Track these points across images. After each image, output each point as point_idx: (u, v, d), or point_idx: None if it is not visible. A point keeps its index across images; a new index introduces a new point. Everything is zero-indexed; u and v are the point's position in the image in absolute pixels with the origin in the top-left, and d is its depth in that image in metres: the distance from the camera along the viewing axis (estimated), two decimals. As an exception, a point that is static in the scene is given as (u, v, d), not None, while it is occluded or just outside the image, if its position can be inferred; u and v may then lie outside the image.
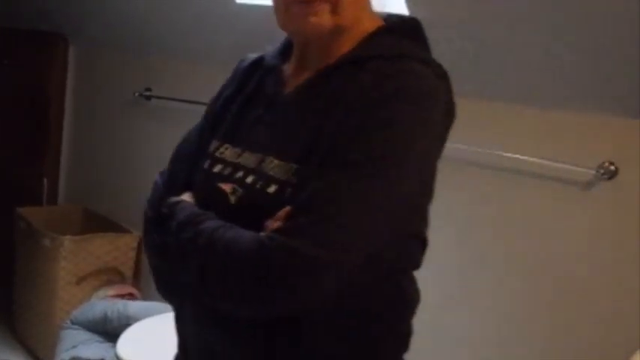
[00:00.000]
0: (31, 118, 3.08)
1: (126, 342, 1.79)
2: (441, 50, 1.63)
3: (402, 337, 0.86)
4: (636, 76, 1.45)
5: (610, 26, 1.39)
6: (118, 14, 2.49)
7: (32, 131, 3.08)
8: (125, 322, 2.07)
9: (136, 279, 2.69)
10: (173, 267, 0.81)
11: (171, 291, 0.89)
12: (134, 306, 2.23)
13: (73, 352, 2.08)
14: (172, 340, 1.75)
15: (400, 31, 0.83)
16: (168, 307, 2.11)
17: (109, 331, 2.14)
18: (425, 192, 0.80)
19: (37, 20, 2.86)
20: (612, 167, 1.59)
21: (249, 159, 0.81)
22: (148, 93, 2.59)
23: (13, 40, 3.05)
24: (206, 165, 0.86)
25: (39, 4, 2.73)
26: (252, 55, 0.94)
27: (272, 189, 0.75)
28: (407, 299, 0.85)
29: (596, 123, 1.63)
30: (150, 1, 2.28)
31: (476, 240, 1.82)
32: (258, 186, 0.77)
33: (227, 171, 0.82)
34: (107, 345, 2.11)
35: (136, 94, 2.61)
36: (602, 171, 1.59)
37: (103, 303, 2.28)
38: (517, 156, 1.70)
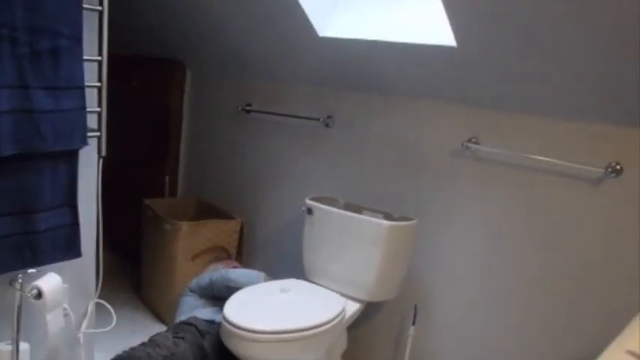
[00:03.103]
0: (155, 128, 3.29)
1: (231, 306, 1.89)
2: (490, 75, 1.80)
3: None
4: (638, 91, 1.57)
5: (617, 51, 1.50)
6: (225, 46, 2.68)
7: (157, 138, 3.28)
8: (226, 284, 2.24)
9: (239, 255, 2.88)
10: None
11: None
12: (233, 271, 2.35)
13: (190, 314, 2.21)
14: (271, 305, 1.96)
15: None
16: (261, 274, 2.44)
17: (216, 294, 2.29)
18: None
19: (161, 50, 3.15)
20: (618, 167, 1.72)
21: None
22: (248, 108, 2.80)
23: (141, 66, 3.32)
24: None
25: (163, 38, 3.02)
26: None
27: None
28: None
29: (605, 130, 1.74)
30: (250, 36, 2.48)
31: (503, 225, 1.96)
32: None
33: None
34: (216, 309, 2.24)
35: (239, 109, 2.82)
36: (609, 170, 1.73)
37: (210, 272, 2.42)
38: (534, 156, 1.83)
